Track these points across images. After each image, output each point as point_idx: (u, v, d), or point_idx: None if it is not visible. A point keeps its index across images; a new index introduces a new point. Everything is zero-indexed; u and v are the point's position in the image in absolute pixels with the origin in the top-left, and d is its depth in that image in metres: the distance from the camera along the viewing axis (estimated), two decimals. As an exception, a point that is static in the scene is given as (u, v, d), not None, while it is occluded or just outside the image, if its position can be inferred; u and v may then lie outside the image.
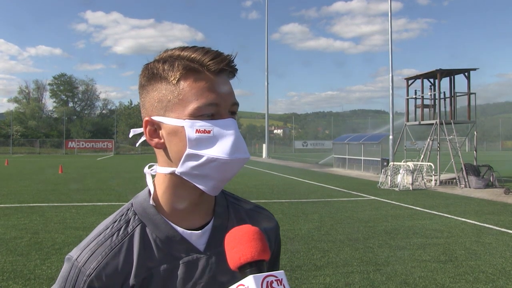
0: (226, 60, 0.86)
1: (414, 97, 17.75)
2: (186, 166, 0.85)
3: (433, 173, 15.96)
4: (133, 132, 0.97)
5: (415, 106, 17.65)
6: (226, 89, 0.87)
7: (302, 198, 12.24)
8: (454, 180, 15.54)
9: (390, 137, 19.41)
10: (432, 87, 17.27)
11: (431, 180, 15.82)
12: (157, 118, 0.87)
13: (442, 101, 17.08)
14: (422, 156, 16.90)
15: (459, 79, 23.22)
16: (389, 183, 15.01)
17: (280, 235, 1.09)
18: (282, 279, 0.72)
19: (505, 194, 12.86)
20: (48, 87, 71.43)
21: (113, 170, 23.77)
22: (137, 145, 1.27)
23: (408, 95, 18.11)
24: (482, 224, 8.57)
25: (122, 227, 0.90)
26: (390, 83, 20.11)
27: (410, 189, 14.41)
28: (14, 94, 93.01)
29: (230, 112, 0.88)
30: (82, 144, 53.63)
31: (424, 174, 15.55)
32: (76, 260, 0.86)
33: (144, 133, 0.90)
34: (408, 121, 18.04)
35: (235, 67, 0.89)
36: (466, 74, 16.55)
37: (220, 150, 0.83)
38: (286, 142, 72.89)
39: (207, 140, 0.83)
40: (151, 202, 0.91)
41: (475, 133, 16.59)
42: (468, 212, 10.01)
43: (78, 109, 74.75)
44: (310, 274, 5.29)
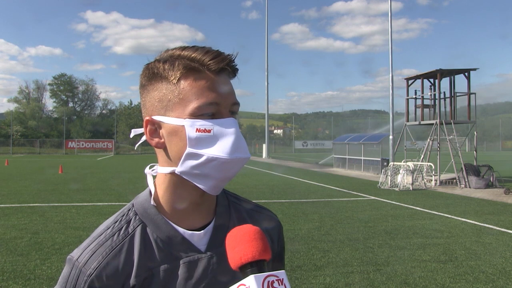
0: (226, 59, 0.86)
1: (414, 97, 17.74)
2: (186, 166, 0.85)
3: (433, 173, 15.96)
4: (134, 132, 0.97)
5: (415, 106, 17.64)
6: (226, 88, 0.86)
7: (302, 198, 12.24)
8: (454, 180, 15.54)
9: (390, 137, 19.40)
10: (432, 87, 17.27)
11: (431, 180, 15.82)
12: (157, 118, 0.87)
13: (442, 101, 17.08)
14: (422, 156, 16.90)
15: (459, 79, 23.27)
16: (389, 183, 15.01)
17: (283, 235, 1.08)
18: (283, 279, 0.72)
19: (505, 194, 12.86)
20: (48, 87, 71.68)
21: (113, 170, 23.75)
22: (135, 147, 1.27)
23: (408, 95, 18.11)
24: (482, 224, 8.57)
25: (123, 227, 0.89)
26: (390, 83, 20.11)
27: (410, 189, 14.41)
28: (14, 94, 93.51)
29: (231, 111, 0.87)
30: (82, 144, 53.63)
31: (424, 174, 15.54)
32: (76, 260, 0.86)
33: (144, 132, 0.90)
34: (408, 121, 18.04)
35: (236, 67, 0.89)
36: (466, 74, 16.55)
37: (220, 149, 0.82)
38: (286, 142, 72.85)
39: (208, 139, 0.83)
40: (152, 202, 0.91)
41: (475, 133, 16.59)
42: (468, 212, 10.01)
43: (78, 109, 74.78)
44: (310, 274, 5.28)
